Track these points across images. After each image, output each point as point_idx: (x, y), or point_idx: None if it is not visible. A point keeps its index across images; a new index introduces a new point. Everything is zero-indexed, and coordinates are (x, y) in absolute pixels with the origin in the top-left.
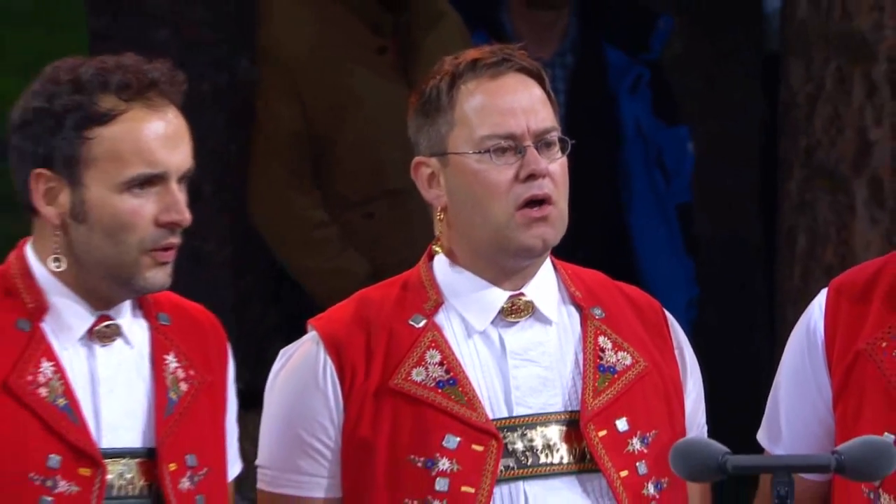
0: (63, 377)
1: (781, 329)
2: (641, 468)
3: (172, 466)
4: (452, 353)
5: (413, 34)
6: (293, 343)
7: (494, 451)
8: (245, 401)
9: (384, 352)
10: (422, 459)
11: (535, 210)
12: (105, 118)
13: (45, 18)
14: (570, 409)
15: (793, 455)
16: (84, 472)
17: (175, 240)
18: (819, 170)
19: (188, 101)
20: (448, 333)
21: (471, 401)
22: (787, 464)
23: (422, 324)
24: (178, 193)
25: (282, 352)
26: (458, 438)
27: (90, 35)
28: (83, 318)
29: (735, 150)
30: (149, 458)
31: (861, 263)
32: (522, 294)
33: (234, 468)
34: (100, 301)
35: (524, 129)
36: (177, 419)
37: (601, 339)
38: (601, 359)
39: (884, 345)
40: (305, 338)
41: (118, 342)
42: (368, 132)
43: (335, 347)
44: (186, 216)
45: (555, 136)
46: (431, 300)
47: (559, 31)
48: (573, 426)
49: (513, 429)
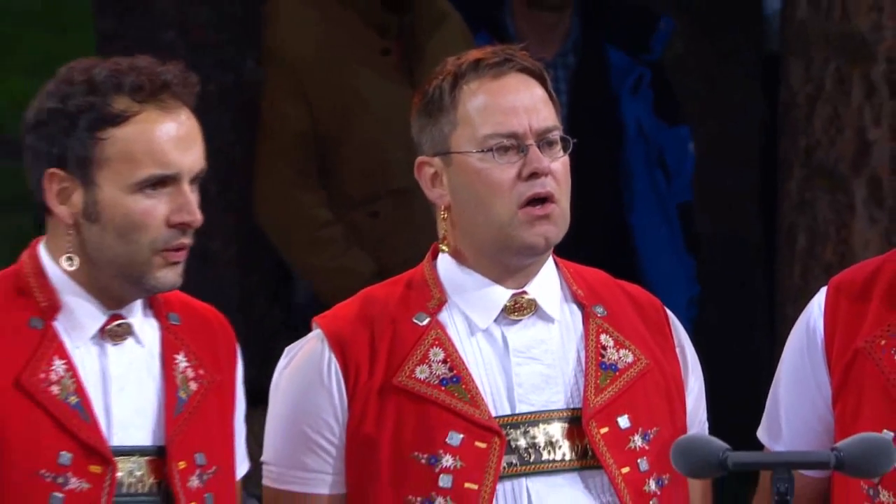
0: (75, 375)
1: (781, 327)
2: (643, 465)
3: (182, 465)
4: (456, 351)
5: (417, 36)
6: (298, 341)
7: (497, 448)
8: (250, 398)
9: (388, 349)
10: (425, 456)
11: (538, 208)
12: (118, 119)
13: (53, 19)
14: (573, 407)
15: (792, 452)
16: (95, 470)
17: (186, 240)
18: (818, 169)
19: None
20: (451, 331)
21: (474, 398)
22: (787, 460)
23: (425, 322)
24: (190, 194)
25: (287, 349)
26: (462, 435)
27: (97, 36)
28: (95, 317)
29: (735, 150)
30: (158, 457)
31: (860, 262)
32: (525, 292)
33: (242, 467)
34: (112, 300)
35: (526, 128)
36: (186, 418)
37: (603, 337)
38: (603, 356)
39: (883, 343)
40: (310, 336)
41: (129, 341)
42: (373, 132)
43: (340, 345)
44: (198, 217)
45: (556, 135)
46: (435, 298)
47: (561, 32)
48: (575, 423)
49: (515, 426)
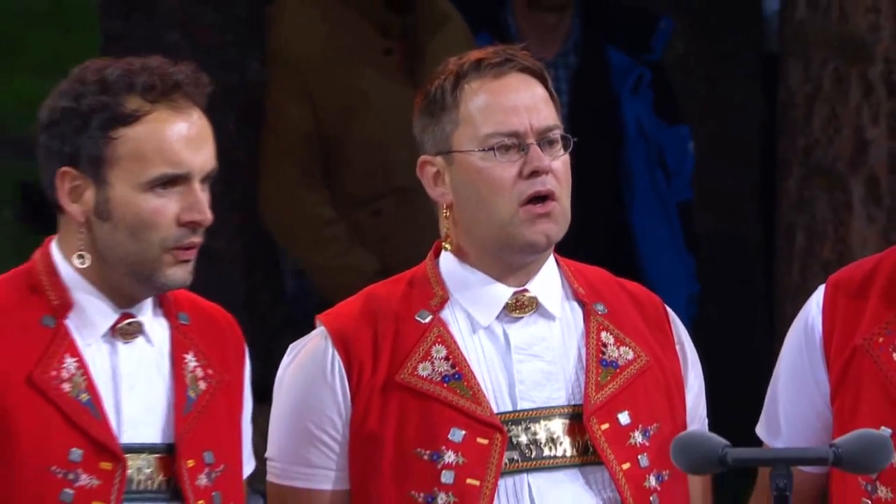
0: (86, 373)
1: (780, 324)
2: (643, 461)
3: (190, 463)
4: (458, 348)
5: (419, 36)
6: (302, 338)
7: (499, 445)
8: (255, 395)
9: (391, 347)
10: (428, 452)
11: (539, 206)
12: (130, 118)
13: (60, 20)
14: (574, 403)
15: (791, 448)
16: (105, 466)
17: (197, 239)
18: (817, 168)
19: None
20: (453, 329)
21: (476, 395)
22: (786, 456)
23: (428, 319)
24: (201, 193)
25: (291, 346)
26: (464, 432)
27: (103, 36)
28: (106, 316)
29: (735, 150)
30: (167, 454)
31: (858, 260)
32: (526, 290)
33: (248, 466)
34: (123, 299)
35: (527, 127)
36: (195, 417)
37: (603, 335)
38: (603, 353)
39: (880, 340)
40: (314, 333)
41: (140, 340)
42: (376, 132)
43: (343, 342)
44: (208, 216)
45: (557, 134)
46: (437, 296)
47: (562, 33)
48: (576, 420)
49: (517, 422)
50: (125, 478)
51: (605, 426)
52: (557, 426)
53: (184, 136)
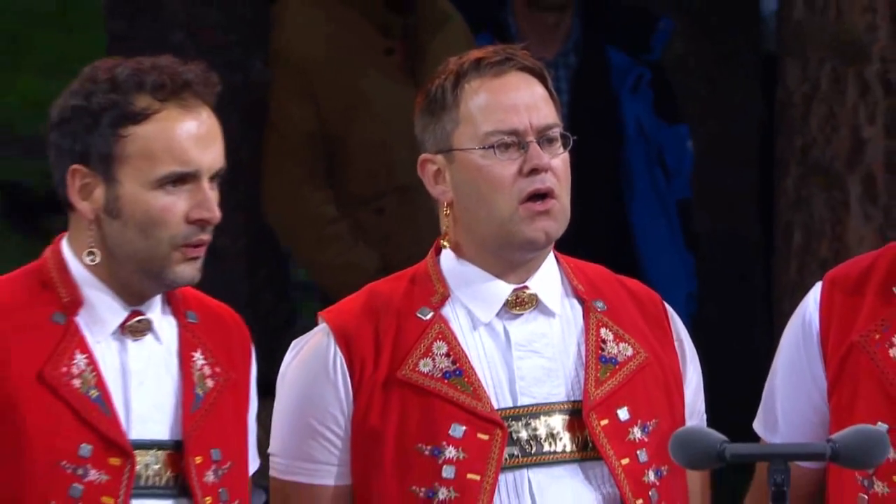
0: (96, 369)
1: (778, 322)
2: (642, 456)
3: (198, 459)
4: (459, 345)
5: (419, 36)
6: (304, 335)
7: (499, 440)
8: (259, 391)
9: (392, 343)
10: (429, 448)
11: (538, 204)
12: (139, 117)
13: (66, 20)
14: (573, 399)
15: (789, 444)
16: (114, 462)
17: (205, 236)
18: (814, 167)
19: None
20: (454, 325)
21: (476, 391)
22: (784, 452)
23: (429, 316)
24: (210, 192)
25: (293, 343)
26: (464, 427)
27: (108, 37)
28: (116, 313)
29: (735, 150)
30: (175, 451)
31: (854, 257)
32: (526, 287)
33: (253, 464)
34: (132, 296)
35: (527, 126)
36: (203, 414)
37: (603, 331)
38: (603, 350)
39: (877, 337)
40: (316, 329)
41: (148, 337)
42: (378, 131)
43: (345, 339)
44: (216, 214)
45: (557, 132)
46: (438, 293)
47: (562, 33)
48: (576, 415)
49: (517, 418)
50: (134, 473)
51: (605, 422)
52: (557, 422)
53: (193, 135)
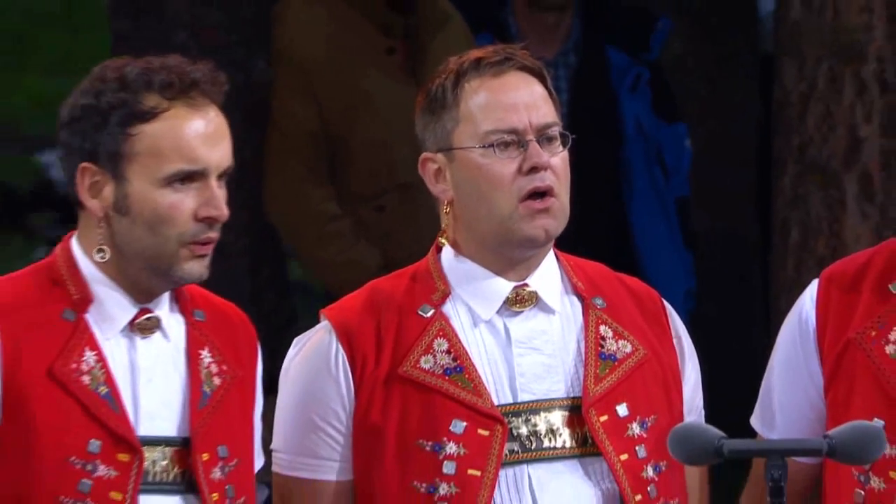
0: (105, 366)
1: (775, 319)
2: (641, 452)
3: (205, 456)
4: (459, 342)
5: (421, 36)
6: (307, 332)
7: (500, 436)
8: (262, 387)
9: (394, 340)
10: (430, 444)
11: (538, 202)
12: (148, 115)
13: (71, 21)
14: (573, 396)
15: (786, 440)
16: (123, 458)
17: (213, 234)
18: (811, 166)
19: None
20: (455, 323)
21: (477, 387)
22: (781, 448)
23: (430, 313)
24: (217, 189)
25: (296, 340)
26: (465, 423)
27: (112, 37)
28: (125, 310)
29: (733, 149)
30: (183, 447)
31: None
32: (526, 284)
33: (258, 461)
34: (141, 294)
35: (526, 124)
36: (210, 411)
37: (602, 328)
38: (602, 347)
39: (873, 334)
40: (318, 327)
41: (157, 335)
42: (379, 131)
43: (347, 336)
44: (224, 211)
45: (556, 131)
46: (439, 291)
47: (562, 33)
48: (575, 411)
49: (517, 414)
50: (142, 469)
51: (604, 418)
52: (557, 418)
53: (201, 133)
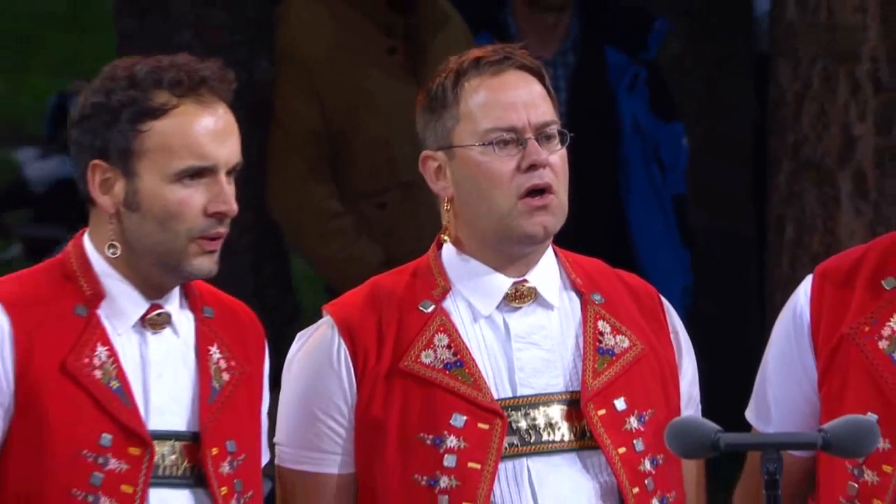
0: (116, 361)
1: (771, 314)
2: (638, 445)
3: (214, 451)
4: (459, 337)
5: (421, 36)
6: (309, 327)
7: (499, 430)
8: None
9: (395, 335)
10: (430, 437)
11: (537, 199)
12: (158, 112)
13: (77, 21)
14: (571, 390)
15: (781, 433)
16: (134, 452)
17: (223, 229)
18: (806, 164)
19: None
20: (455, 318)
21: (477, 382)
22: (776, 441)
23: (430, 309)
24: (226, 185)
25: (298, 335)
26: (465, 417)
27: (118, 36)
28: (137, 306)
29: (730, 148)
30: (192, 442)
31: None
32: (526, 280)
33: (264, 457)
34: (152, 289)
35: (525, 123)
36: (219, 407)
37: (600, 324)
38: (600, 342)
39: (866, 329)
40: (320, 322)
41: (167, 331)
42: (380, 129)
43: (348, 331)
44: (234, 207)
45: (554, 129)
46: (440, 287)
47: (561, 32)
48: (574, 405)
49: (517, 408)
50: (153, 463)
51: (602, 412)
52: (556, 412)
53: (210, 130)
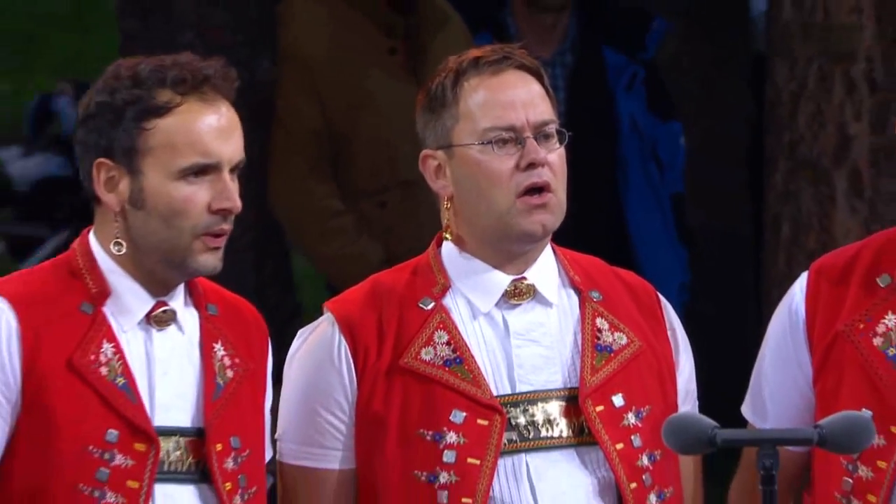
0: (122, 358)
1: (767, 311)
2: (636, 441)
3: (219, 447)
4: (459, 334)
5: (421, 36)
6: (310, 324)
7: (498, 426)
8: None
9: (395, 332)
10: (430, 433)
11: (535, 197)
12: (161, 110)
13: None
14: (570, 386)
15: (778, 429)
16: (139, 448)
17: (227, 226)
18: (802, 162)
19: None
20: (455, 315)
21: (476, 378)
22: (773, 437)
23: (430, 306)
24: (230, 182)
25: (299, 332)
26: (465, 413)
27: (121, 37)
28: (142, 303)
29: (728, 148)
30: (197, 438)
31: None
32: (525, 278)
33: (267, 453)
34: (157, 286)
35: (524, 122)
36: (223, 403)
37: (598, 321)
38: (598, 339)
39: (861, 326)
40: (321, 319)
41: (172, 328)
42: (381, 128)
43: (349, 328)
44: (237, 203)
45: (553, 128)
46: (439, 284)
47: (559, 33)
48: (572, 402)
49: (515, 404)
50: (158, 459)
51: (600, 408)
52: (554, 408)
53: (214, 128)
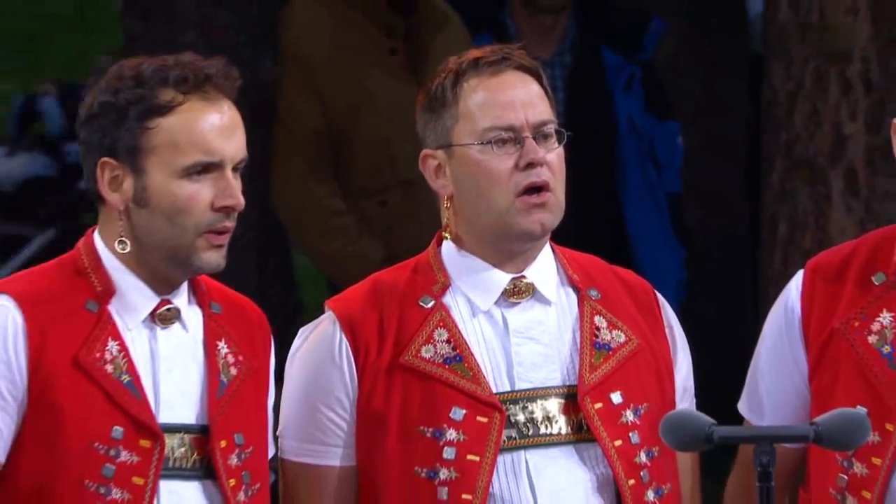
0: (127, 356)
1: (764, 310)
2: (634, 438)
3: (223, 443)
4: (459, 332)
5: (422, 36)
6: (311, 322)
7: (498, 423)
8: None
9: (395, 330)
10: (430, 430)
11: (534, 197)
12: (164, 109)
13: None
14: (569, 384)
15: (774, 426)
16: (144, 444)
17: (230, 223)
18: (799, 162)
19: None
20: (455, 313)
21: (476, 376)
22: (769, 434)
23: (430, 304)
24: (233, 180)
25: (301, 330)
26: (464, 411)
27: (124, 37)
28: (147, 301)
29: (725, 148)
30: (201, 435)
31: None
32: (524, 276)
33: (270, 450)
34: (161, 284)
35: (523, 122)
36: (227, 400)
37: (597, 319)
38: (597, 336)
39: (856, 324)
40: (322, 317)
41: (176, 326)
42: (381, 128)
43: (350, 326)
44: (241, 201)
45: (552, 128)
46: (439, 282)
47: (558, 33)
48: (571, 399)
49: (515, 402)
50: (163, 455)
51: (599, 405)
52: (553, 405)
53: (216, 126)
